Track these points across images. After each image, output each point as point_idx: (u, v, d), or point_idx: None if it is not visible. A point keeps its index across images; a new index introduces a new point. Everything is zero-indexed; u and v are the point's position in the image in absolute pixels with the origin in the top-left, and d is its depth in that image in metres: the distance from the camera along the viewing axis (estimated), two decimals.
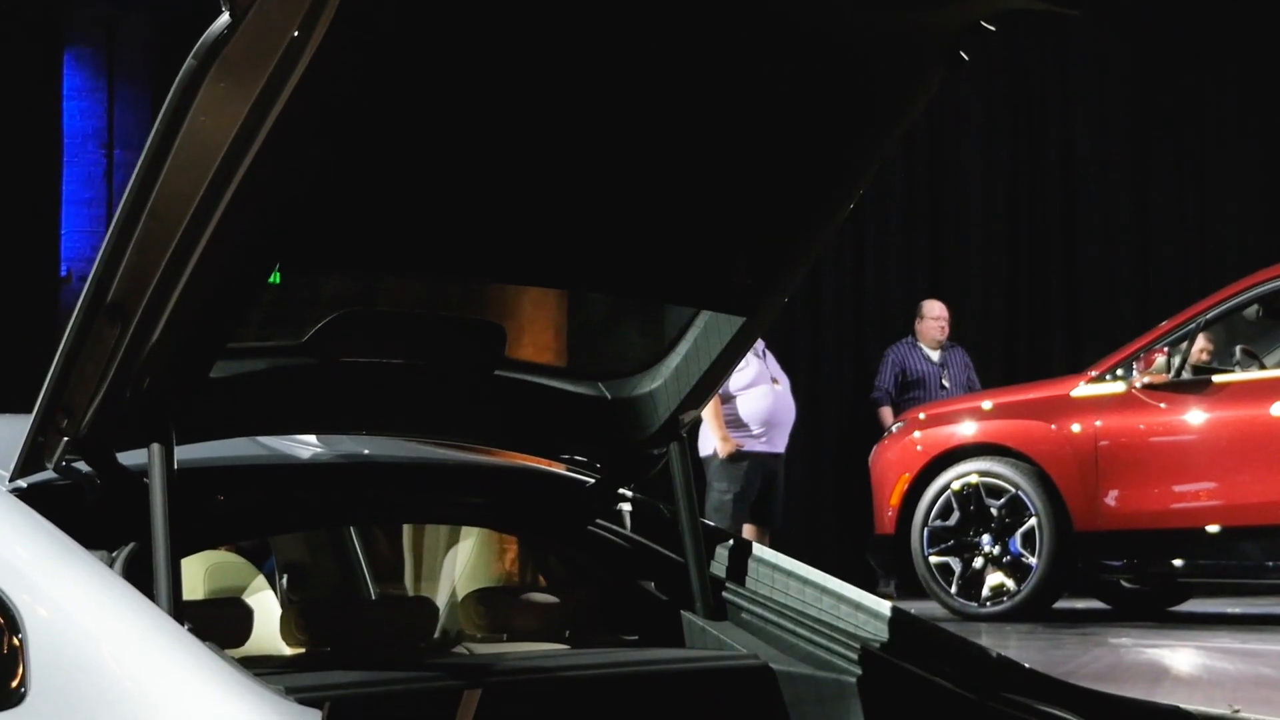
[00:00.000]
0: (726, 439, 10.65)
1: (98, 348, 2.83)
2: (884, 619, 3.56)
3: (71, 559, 2.75)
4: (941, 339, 12.22)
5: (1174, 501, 9.05)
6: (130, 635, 2.61)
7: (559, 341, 11.51)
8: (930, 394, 11.92)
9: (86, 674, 2.55)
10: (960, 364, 12.27)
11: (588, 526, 3.78)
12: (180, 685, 2.52)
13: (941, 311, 12.28)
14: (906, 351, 12.26)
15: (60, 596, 2.69)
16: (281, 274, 3.07)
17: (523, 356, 8.40)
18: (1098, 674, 6.92)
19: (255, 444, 3.49)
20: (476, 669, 3.34)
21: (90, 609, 2.66)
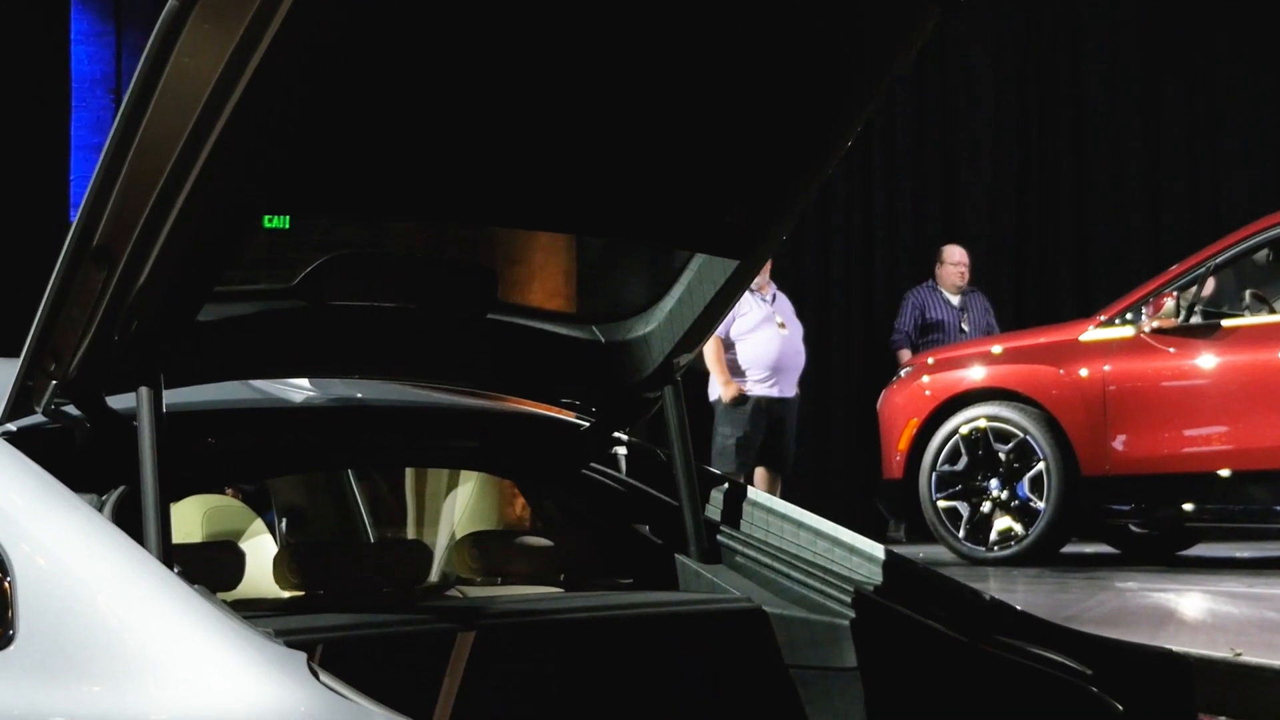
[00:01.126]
0: (729, 383, 10.66)
1: (84, 291, 2.82)
2: (878, 562, 3.56)
3: (60, 502, 2.74)
4: (961, 284, 12.19)
5: (1182, 446, 9.02)
6: (117, 578, 2.61)
7: (552, 285, 11.50)
8: (950, 338, 11.90)
9: (74, 618, 2.55)
10: (980, 308, 12.25)
11: (582, 470, 3.78)
12: (165, 628, 2.51)
13: (961, 257, 12.25)
14: (927, 295, 12.24)
15: (49, 540, 2.68)
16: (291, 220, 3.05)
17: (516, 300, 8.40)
18: (1102, 618, 6.91)
19: (247, 387, 3.48)
20: (469, 612, 3.35)
21: (78, 552, 2.66)
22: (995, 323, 12.25)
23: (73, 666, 2.48)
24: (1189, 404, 9.04)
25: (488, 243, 11.83)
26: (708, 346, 10.62)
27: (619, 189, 3.31)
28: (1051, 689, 3.24)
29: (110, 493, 2.95)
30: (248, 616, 2.67)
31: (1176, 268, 9.36)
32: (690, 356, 3.68)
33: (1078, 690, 3.19)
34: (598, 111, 3.13)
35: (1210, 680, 5.36)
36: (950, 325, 12.10)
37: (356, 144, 2.92)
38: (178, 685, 2.40)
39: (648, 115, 3.19)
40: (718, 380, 10.72)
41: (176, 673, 2.43)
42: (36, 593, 2.60)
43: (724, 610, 3.55)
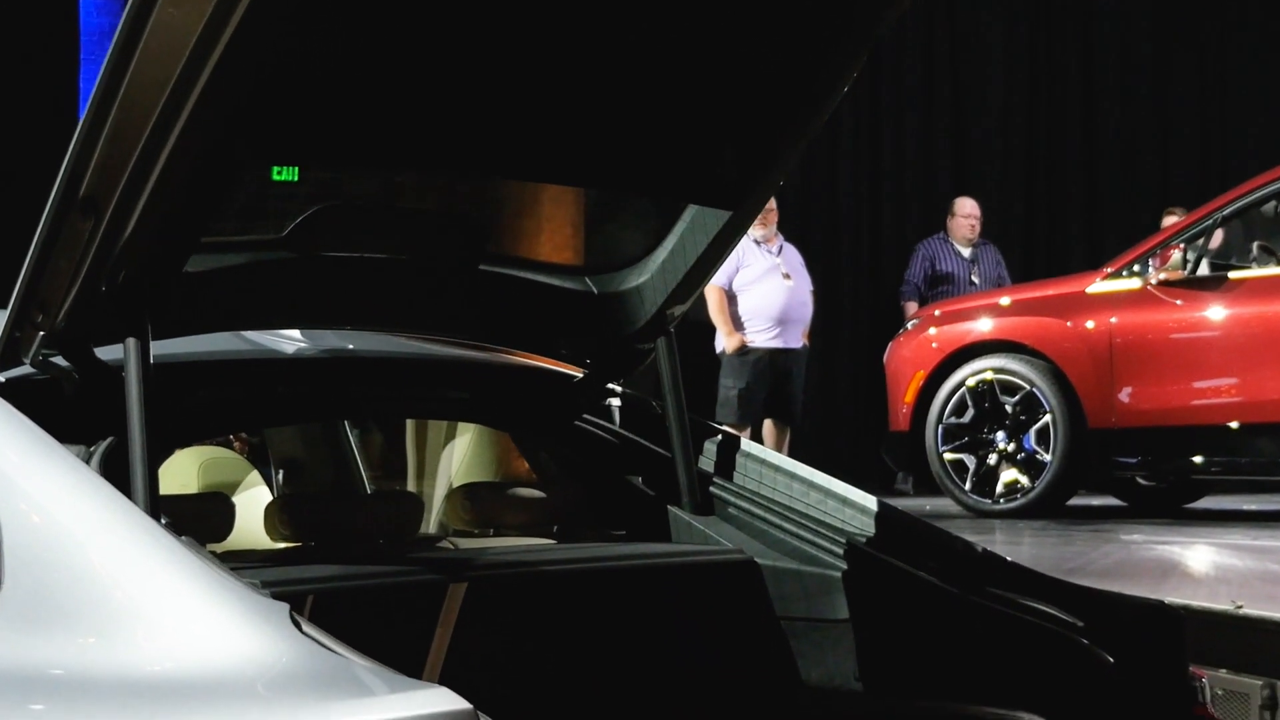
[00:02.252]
0: (731, 334, 10.63)
1: (71, 242, 2.81)
2: (870, 514, 3.55)
3: (47, 453, 2.73)
4: (972, 236, 12.16)
5: (1188, 398, 8.99)
6: (102, 530, 2.60)
7: (560, 238, 11.47)
8: (959, 290, 11.87)
9: (58, 568, 2.54)
10: (992, 261, 12.21)
11: (575, 422, 3.78)
12: (149, 579, 2.50)
13: (973, 209, 12.21)
14: (937, 247, 12.21)
15: (35, 491, 2.68)
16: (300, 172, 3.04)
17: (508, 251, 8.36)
18: (1105, 570, 6.90)
19: (238, 339, 3.48)
20: (460, 563, 3.35)
21: (64, 503, 2.65)
22: (1007, 275, 12.21)
23: (55, 617, 2.48)
24: (1196, 356, 9.00)
25: (495, 195, 11.80)
26: (711, 298, 10.62)
27: (611, 140, 3.30)
28: (1042, 641, 3.23)
29: (99, 444, 2.95)
30: (235, 568, 2.68)
31: (1184, 219, 9.31)
32: (684, 308, 3.68)
33: (1068, 642, 3.19)
34: (590, 63, 3.11)
35: (1211, 632, 5.36)
36: (960, 278, 12.07)
37: (345, 95, 2.90)
38: (159, 636, 2.39)
39: (640, 67, 3.17)
40: (720, 331, 10.70)
41: (158, 624, 2.43)
42: (22, 543, 2.59)
43: (716, 562, 3.55)
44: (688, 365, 3.73)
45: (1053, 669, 3.21)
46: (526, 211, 11.69)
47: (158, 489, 2.87)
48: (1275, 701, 5.02)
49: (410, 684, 2.23)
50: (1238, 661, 5.19)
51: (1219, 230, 9.20)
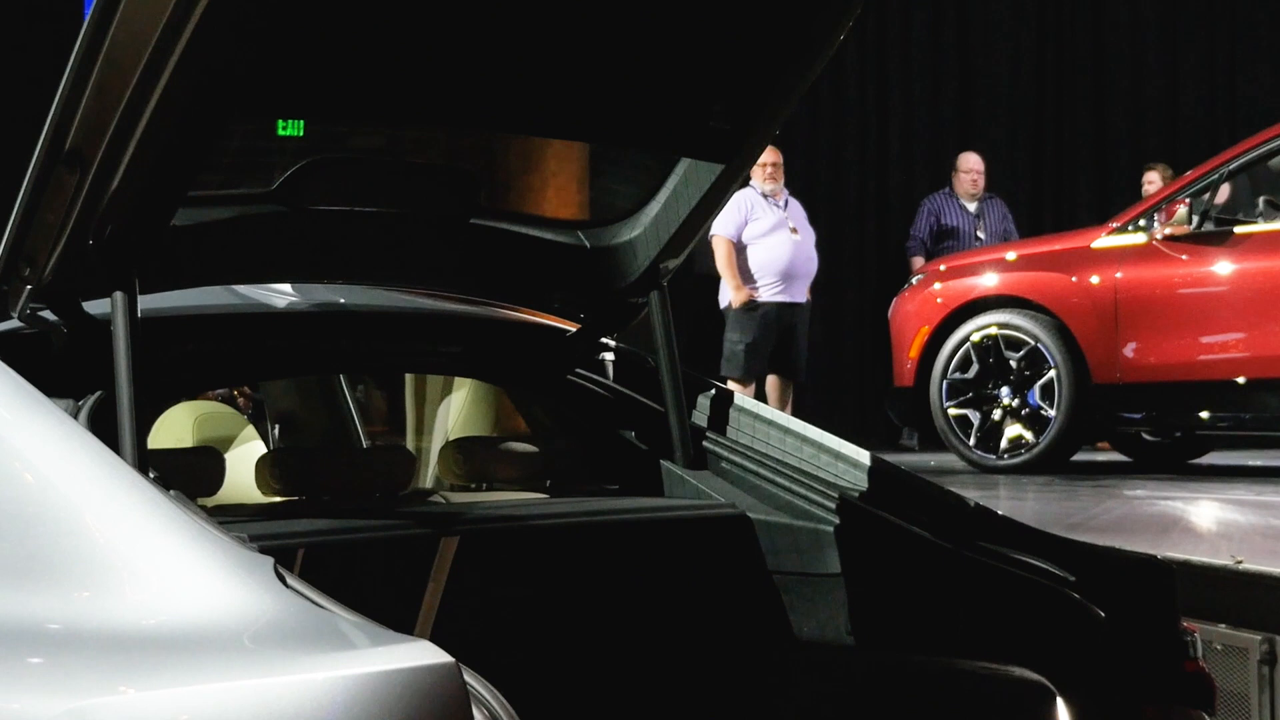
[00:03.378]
0: (739, 288, 10.60)
1: (57, 196, 2.80)
2: (863, 468, 3.55)
3: (33, 407, 2.73)
4: (975, 191, 12.12)
5: (1193, 353, 8.96)
6: (88, 484, 2.60)
7: (566, 193, 11.45)
8: (964, 245, 11.84)
9: (42, 522, 2.54)
10: (998, 216, 12.17)
11: (568, 376, 3.77)
12: (135, 533, 2.50)
13: (975, 164, 12.17)
14: (943, 202, 12.17)
15: (21, 446, 2.67)
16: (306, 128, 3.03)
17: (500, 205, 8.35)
18: (1107, 525, 6.90)
19: (229, 293, 3.47)
20: (450, 517, 3.34)
21: (49, 457, 2.65)
22: (1014, 229, 12.17)
23: (37, 571, 2.48)
24: (1201, 312, 8.97)
25: (501, 150, 11.79)
26: (720, 250, 10.60)
27: (603, 93, 3.28)
28: (1034, 595, 3.23)
29: (87, 398, 2.95)
30: (224, 522, 2.67)
31: (1190, 174, 9.27)
32: (677, 261, 3.67)
33: (1060, 596, 3.18)
34: (582, 15, 3.09)
35: (1210, 588, 5.36)
36: (965, 232, 12.04)
37: (333, 48, 2.89)
38: (144, 591, 2.39)
39: (632, 19, 3.15)
40: (728, 285, 10.66)
41: (142, 578, 2.42)
42: (7, 497, 2.59)
43: (708, 516, 3.55)
44: (693, 319, 3.72)
45: (1044, 623, 3.21)
46: (546, 168, 11.69)
47: (145, 443, 2.87)
48: (1274, 656, 5.03)
49: (393, 637, 2.22)
50: (1237, 617, 5.20)
51: (1225, 185, 9.16)
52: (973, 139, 13.44)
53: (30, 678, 2.22)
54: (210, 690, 2.17)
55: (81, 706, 2.15)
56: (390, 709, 2.13)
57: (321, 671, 2.16)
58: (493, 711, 2.22)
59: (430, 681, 2.15)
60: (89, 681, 2.24)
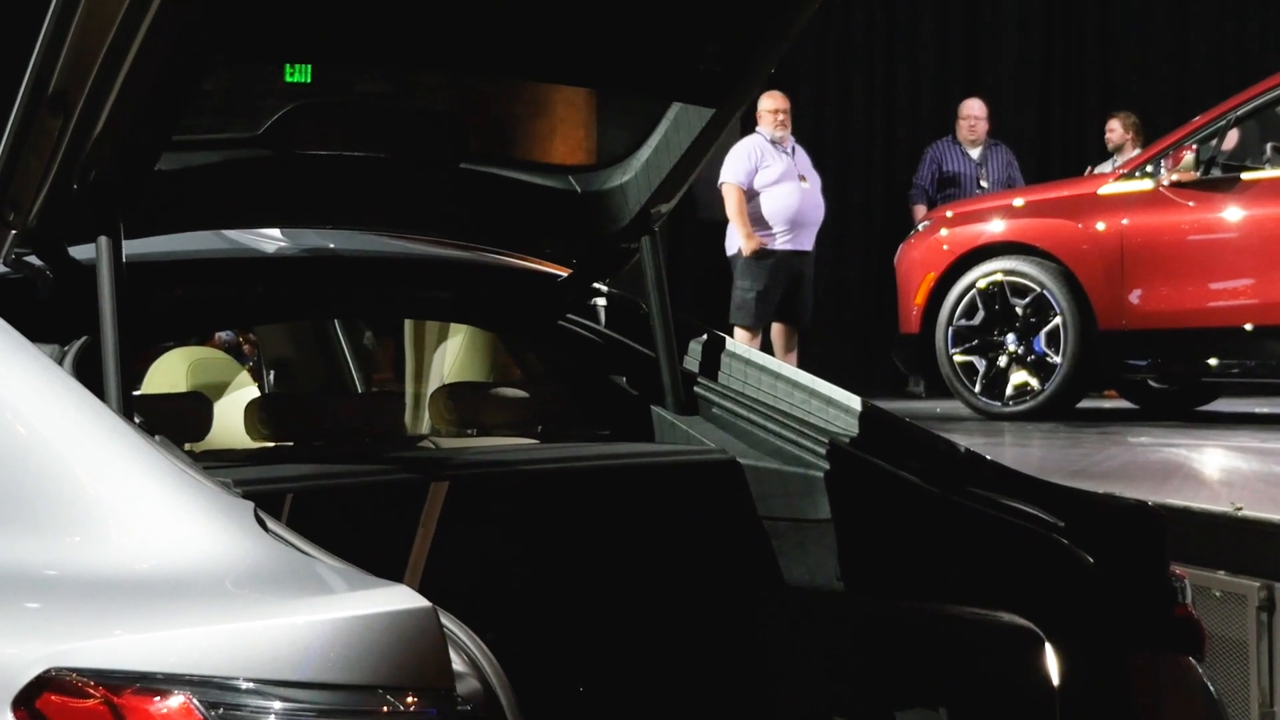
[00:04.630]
0: (750, 236, 10.56)
1: (41, 140, 2.80)
2: (854, 414, 3.54)
3: (17, 353, 2.73)
4: (975, 138, 12.07)
5: (1200, 300, 8.93)
6: (71, 430, 2.60)
7: (574, 138, 11.42)
8: (966, 192, 11.80)
9: (25, 467, 2.54)
10: (1002, 162, 12.11)
11: (559, 321, 3.76)
12: (117, 479, 2.50)
13: (974, 111, 12.11)
14: (945, 149, 12.12)
15: (3, 391, 2.67)
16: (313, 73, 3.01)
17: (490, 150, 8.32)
18: (1108, 472, 6.90)
19: (219, 238, 3.47)
20: (439, 463, 3.34)
21: (33, 403, 2.65)
22: (1019, 176, 12.12)
23: (18, 516, 2.48)
24: (1207, 258, 8.94)
25: (510, 97, 11.75)
26: (730, 198, 10.57)
27: (594, 37, 3.26)
28: (1023, 541, 3.22)
29: (72, 343, 2.94)
30: (211, 467, 2.67)
31: (1198, 119, 9.22)
32: (669, 206, 3.66)
33: (1048, 542, 3.18)
34: None
35: (1210, 534, 5.36)
36: (967, 179, 11.99)
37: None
38: (123, 535, 2.40)
39: None
40: (739, 233, 10.62)
41: (123, 523, 2.42)
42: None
43: (698, 461, 3.55)
44: (701, 267, 3.72)
45: (1033, 569, 3.20)
46: (555, 114, 11.66)
47: (131, 388, 2.86)
48: (1272, 603, 5.03)
49: (371, 582, 2.23)
50: (1236, 563, 5.20)
51: (1233, 131, 9.11)
52: (980, 85, 13.37)
53: (9, 621, 2.23)
54: (193, 634, 2.19)
55: (64, 650, 2.16)
56: (368, 653, 2.14)
57: (301, 615, 2.17)
58: (471, 656, 2.22)
59: (408, 626, 2.16)
60: (70, 625, 2.25)
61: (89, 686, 2.11)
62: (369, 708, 2.11)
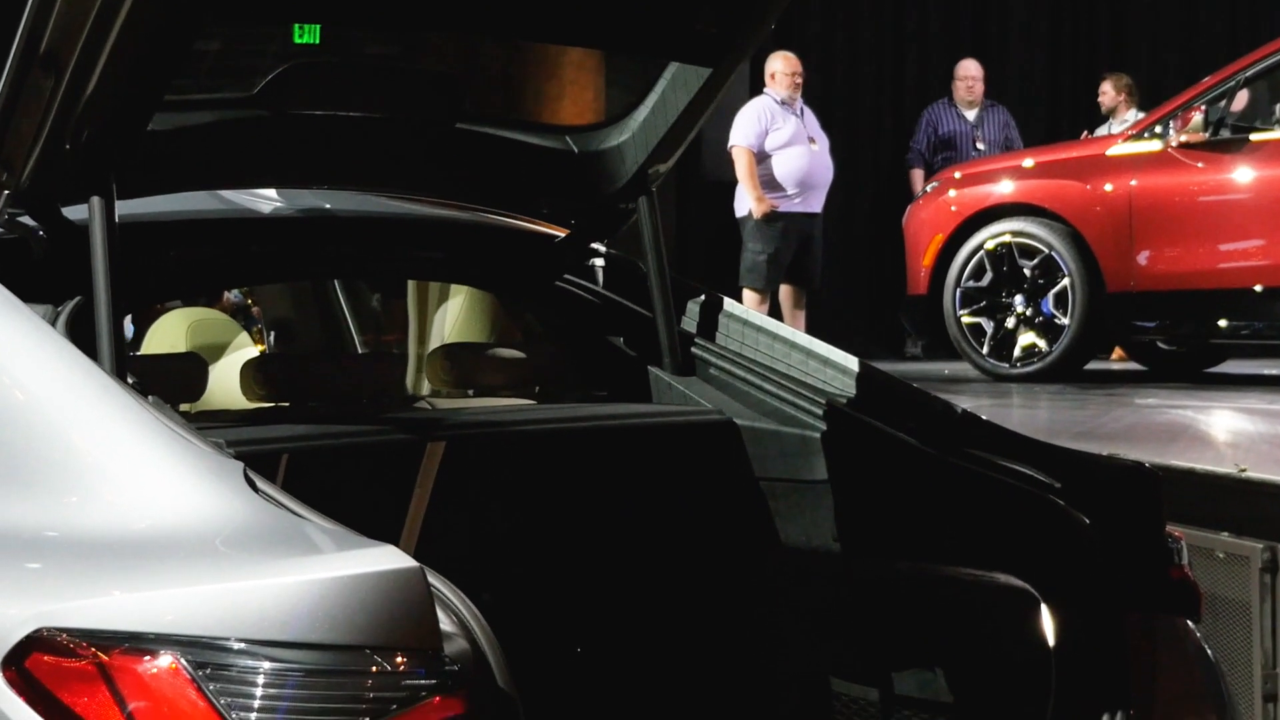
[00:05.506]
0: (761, 199, 10.52)
1: (33, 100, 2.79)
2: (851, 374, 3.53)
3: (9, 312, 2.72)
4: (972, 99, 12.02)
5: (1208, 261, 8.91)
6: (63, 390, 2.59)
7: (583, 100, 11.39)
8: (962, 154, 11.78)
9: (15, 427, 2.54)
10: (998, 124, 12.06)
11: (556, 282, 3.75)
12: (106, 438, 2.50)
13: (970, 72, 12.06)
14: (941, 111, 12.08)
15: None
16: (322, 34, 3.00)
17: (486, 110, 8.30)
18: (1113, 433, 6.89)
19: (215, 198, 3.46)
20: (434, 423, 3.34)
21: (24, 363, 2.64)
22: (1017, 136, 12.07)
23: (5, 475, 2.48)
24: (1215, 219, 8.92)
25: (521, 59, 11.73)
26: (740, 160, 10.53)
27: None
28: (1019, 502, 3.21)
29: (66, 304, 2.94)
30: (204, 428, 2.67)
31: (1207, 80, 9.18)
32: (666, 167, 3.64)
33: (1044, 503, 3.17)
34: None
35: (1214, 496, 5.35)
36: (963, 141, 11.94)
37: None
38: (110, 495, 2.39)
39: None
40: (749, 196, 10.57)
41: (113, 484, 2.42)
42: None
43: (695, 422, 3.54)
44: (711, 228, 3.71)
45: (1029, 530, 3.20)
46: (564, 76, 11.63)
47: (124, 348, 2.86)
48: (1276, 564, 5.03)
49: (359, 542, 2.23)
50: (1240, 525, 5.19)
51: (1242, 92, 9.07)
52: (989, 46, 13.32)
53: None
54: (181, 594, 2.19)
55: (53, 610, 2.16)
56: (355, 613, 2.14)
57: (288, 576, 2.17)
58: (460, 617, 2.22)
59: (395, 586, 2.15)
60: (60, 585, 2.25)
61: (78, 646, 2.11)
62: (356, 668, 2.11)
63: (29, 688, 2.11)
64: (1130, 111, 11.51)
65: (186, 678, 2.08)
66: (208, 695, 2.07)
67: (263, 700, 2.08)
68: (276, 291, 4.76)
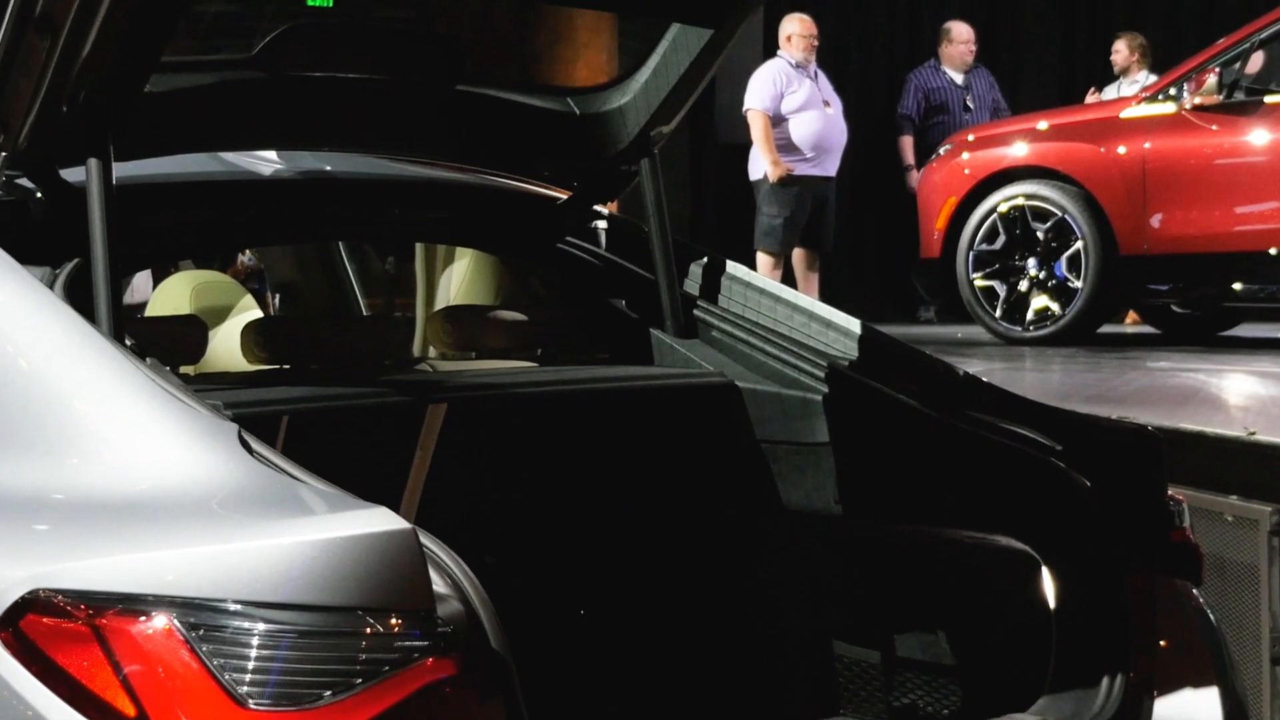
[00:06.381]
0: (778, 162, 10.49)
1: (30, 61, 2.78)
2: (853, 337, 3.52)
3: (6, 274, 2.73)
4: (966, 63, 11.97)
5: (1222, 224, 8.87)
6: (60, 353, 2.59)
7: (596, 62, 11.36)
8: (955, 118, 11.74)
9: (12, 388, 2.55)
10: (985, 85, 12.02)
11: (558, 244, 3.75)
12: (102, 399, 2.50)
13: (964, 36, 12.00)
14: (929, 75, 12.01)
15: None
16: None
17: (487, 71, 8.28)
18: (1125, 396, 6.87)
19: (216, 160, 3.45)
20: (435, 385, 3.34)
21: (21, 325, 2.64)
22: (1002, 99, 12.03)
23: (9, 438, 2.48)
24: (1230, 182, 8.88)
25: (534, 22, 11.70)
26: (756, 124, 10.50)
27: None
28: (1020, 464, 3.21)
29: (64, 266, 2.94)
30: (201, 390, 2.67)
31: (1221, 42, 9.13)
32: (668, 129, 3.63)
33: (1045, 465, 3.16)
34: None
35: (1223, 459, 5.34)
36: (954, 105, 11.89)
37: None
38: (105, 457, 2.40)
39: None
40: (765, 160, 10.54)
41: (105, 445, 2.43)
42: None
43: (697, 384, 3.54)
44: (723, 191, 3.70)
45: (1029, 492, 3.19)
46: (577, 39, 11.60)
47: (121, 310, 2.86)
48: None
49: (351, 504, 2.23)
50: (1249, 488, 5.18)
51: (1257, 54, 9.02)
52: (1003, 8, 13.26)
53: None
54: (175, 556, 2.20)
55: (49, 571, 2.17)
56: (348, 574, 2.15)
57: (281, 537, 2.17)
58: (454, 578, 2.22)
59: (388, 548, 2.16)
60: (55, 547, 2.26)
61: (73, 608, 2.11)
62: (349, 629, 2.12)
63: (24, 649, 2.12)
64: (1142, 73, 11.45)
65: (180, 639, 2.08)
66: (201, 656, 2.08)
67: (256, 661, 2.08)
68: (281, 255, 4.76)
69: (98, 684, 2.08)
